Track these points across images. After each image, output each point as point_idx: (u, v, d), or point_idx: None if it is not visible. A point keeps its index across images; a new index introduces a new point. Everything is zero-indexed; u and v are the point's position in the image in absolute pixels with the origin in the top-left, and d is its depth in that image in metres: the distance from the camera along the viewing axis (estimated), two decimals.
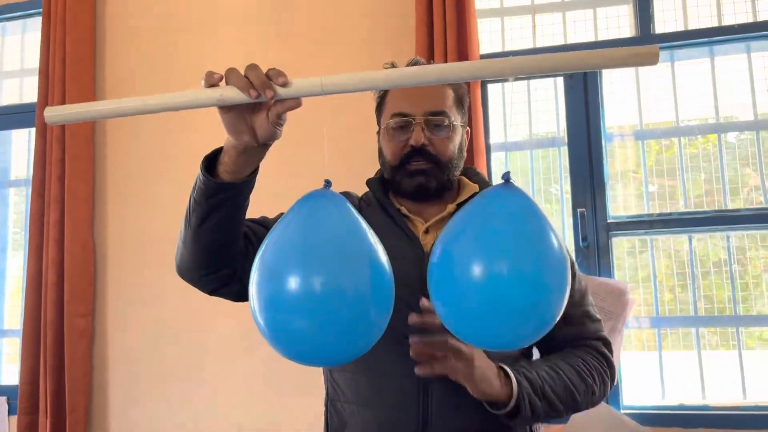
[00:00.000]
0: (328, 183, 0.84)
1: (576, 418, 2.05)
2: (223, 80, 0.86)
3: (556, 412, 1.11)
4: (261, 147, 0.93)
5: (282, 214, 1.24)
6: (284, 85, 0.83)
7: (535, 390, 1.07)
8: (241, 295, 1.13)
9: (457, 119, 1.22)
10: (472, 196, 1.22)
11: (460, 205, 1.22)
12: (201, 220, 1.01)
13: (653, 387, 2.18)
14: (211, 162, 0.99)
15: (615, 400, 2.10)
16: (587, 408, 1.18)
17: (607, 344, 1.23)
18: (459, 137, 1.23)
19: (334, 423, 1.20)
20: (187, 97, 0.84)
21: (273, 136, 0.91)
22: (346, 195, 1.29)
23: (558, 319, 0.80)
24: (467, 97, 1.28)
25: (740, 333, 2.17)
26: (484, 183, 1.27)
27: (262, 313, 0.77)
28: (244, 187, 0.99)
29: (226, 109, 0.88)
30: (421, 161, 1.18)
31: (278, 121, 0.89)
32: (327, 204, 0.82)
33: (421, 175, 1.18)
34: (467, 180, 1.28)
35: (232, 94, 0.84)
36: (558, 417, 1.13)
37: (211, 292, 1.13)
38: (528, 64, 0.80)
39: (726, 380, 2.16)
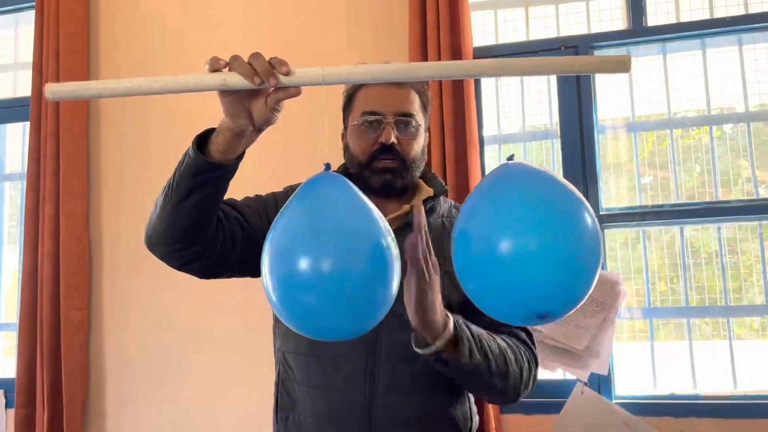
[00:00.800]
0: (328, 166, 0.87)
1: (568, 408, 2.08)
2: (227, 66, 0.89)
3: (487, 368, 1.11)
4: (255, 131, 0.97)
5: (250, 197, 1.29)
6: (287, 73, 0.87)
7: (474, 337, 1.10)
8: (210, 272, 1.19)
9: (422, 122, 1.28)
10: (428, 200, 1.29)
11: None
12: (183, 196, 1.05)
13: (645, 377, 2.21)
14: (201, 141, 1.03)
15: (607, 389, 2.12)
16: (512, 390, 1.17)
17: (530, 334, 1.25)
18: (423, 140, 1.29)
19: (285, 403, 1.26)
20: (190, 80, 0.87)
21: (269, 121, 0.95)
22: None
23: (588, 294, 0.80)
24: (430, 104, 1.34)
25: (731, 323, 2.19)
26: (440, 186, 1.33)
27: (275, 291, 0.81)
28: (231, 169, 1.03)
29: (226, 93, 0.91)
30: (389, 159, 1.24)
31: (276, 107, 0.93)
32: (332, 186, 0.85)
33: (389, 173, 1.24)
34: (424, 183, 1.34)
35: (235, 79, 0.87)
36: (484, 382, 1.12)
37: (180, 267, 1.17)
38: (506, 66, 0.84)
39: (717, 370, 2.18)
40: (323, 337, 0.85)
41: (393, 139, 1.22)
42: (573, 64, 0.84)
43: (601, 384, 2.12)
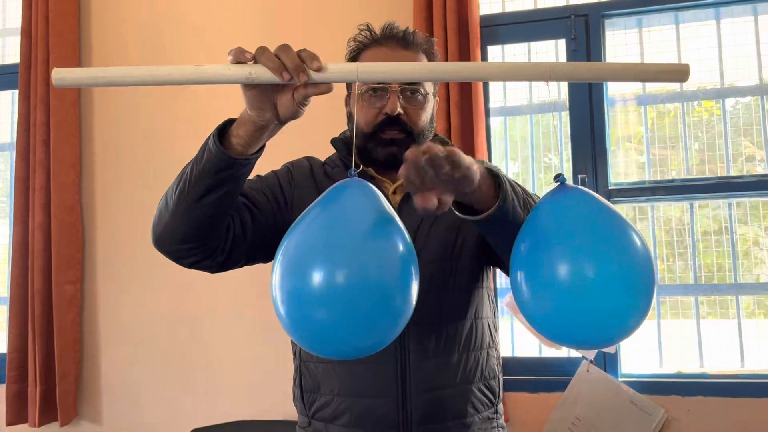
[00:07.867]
0: (352, 172, 0.83)
1: (573, 386, 2.04)
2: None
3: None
4: (279, 124, 0.94)
5: (251, 178, 1.21)
6: (318, 69, 0.83)
7: (516, 193, 0.96)
8: (221, 266, 1.13)
9: (429, 89, 1.20)
10: None
11: None
12: (203, 193, 0.99)
13: (651, 355, 2.17)
14: (219, 133, 0.97)
15: (613, 368, 2.08)
16: None
17: None
18: (431, 107, 1.22)
19: (308, 384, 1.20)
20: (213, 72, 0.83)
21: (295, 116, 0.91)
22: (309, 159, 1.29)
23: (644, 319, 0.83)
24: None
25: (739, 301, 2.15)
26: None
27: (283, 305, 0.76)
28: (252, 162, 0.99)
29: (250, 86, 0.87)
30: (395, 130, 1.16)
31: (304, 102, 0.89)
32: (350, 195, 0.80)
33: (394, 145, 1.16)
34: None
35: (261, 73, 0.83)
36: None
37: (190, 265, 1.11)
38: (565, 69, 0.85)
39: (724, 348, 2.15)
40: (337, 356, 0.80)
41: (399, 110, 1.14)
42: (633, 71, 0.86)
43: (607, 362, 2.09)
